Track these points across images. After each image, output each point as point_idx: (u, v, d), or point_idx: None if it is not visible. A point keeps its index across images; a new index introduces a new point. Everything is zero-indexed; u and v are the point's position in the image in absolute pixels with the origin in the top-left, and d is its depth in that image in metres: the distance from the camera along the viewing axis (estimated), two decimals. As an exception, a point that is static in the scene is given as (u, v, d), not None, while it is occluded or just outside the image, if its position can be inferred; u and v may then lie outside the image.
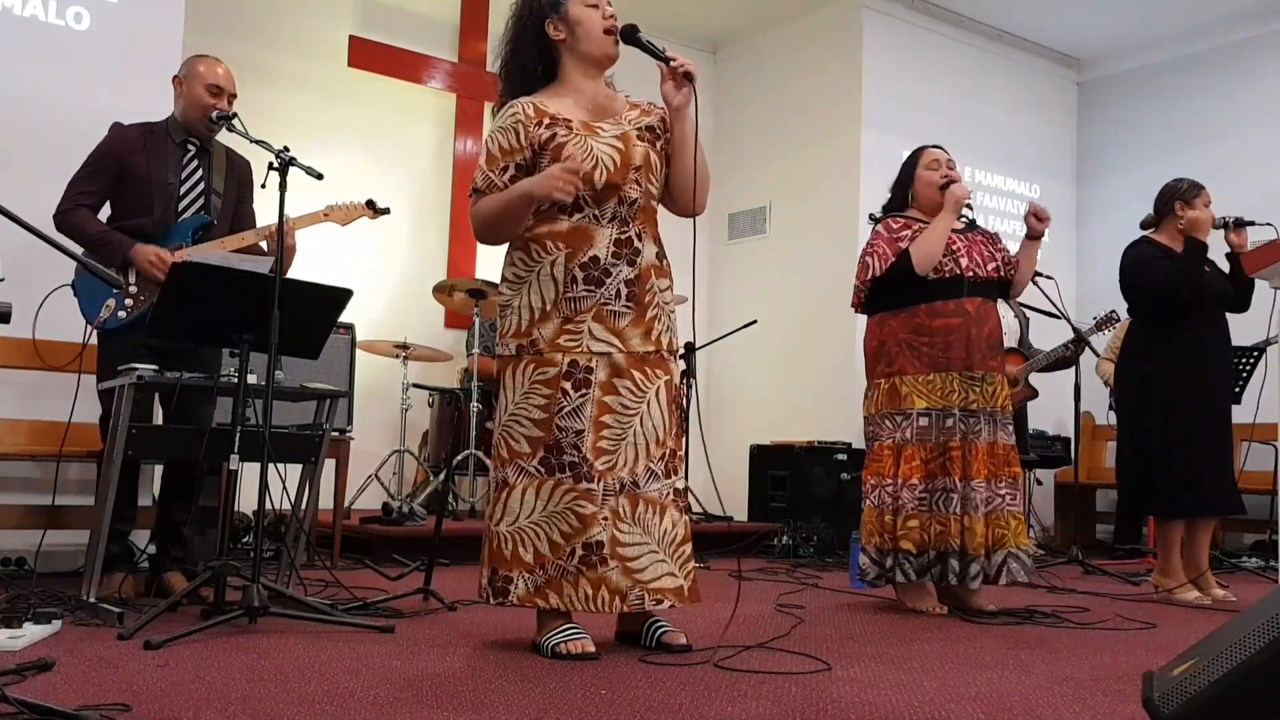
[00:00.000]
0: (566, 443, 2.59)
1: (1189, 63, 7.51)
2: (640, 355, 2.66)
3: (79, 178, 3.49)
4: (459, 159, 6.66)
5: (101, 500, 3.12)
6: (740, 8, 7.31)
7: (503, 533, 2.62)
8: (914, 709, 2.14)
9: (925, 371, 3.61)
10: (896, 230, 3.72)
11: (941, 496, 3.57)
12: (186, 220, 3.52)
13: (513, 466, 2.63)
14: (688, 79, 2.66)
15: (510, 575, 2.60)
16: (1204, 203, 4.28)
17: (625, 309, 2.65)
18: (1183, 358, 4.16)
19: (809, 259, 7.02)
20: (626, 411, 2.63)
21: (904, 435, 3.62)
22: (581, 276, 2.63)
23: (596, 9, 2.71)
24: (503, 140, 2.67)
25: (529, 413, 2.62)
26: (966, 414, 3.59)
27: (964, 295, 3.63)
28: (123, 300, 3.39)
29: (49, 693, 2.00)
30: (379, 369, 5.82)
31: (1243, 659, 1.52)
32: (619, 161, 2.65)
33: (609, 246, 2.65)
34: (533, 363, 2.63)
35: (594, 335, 2.63)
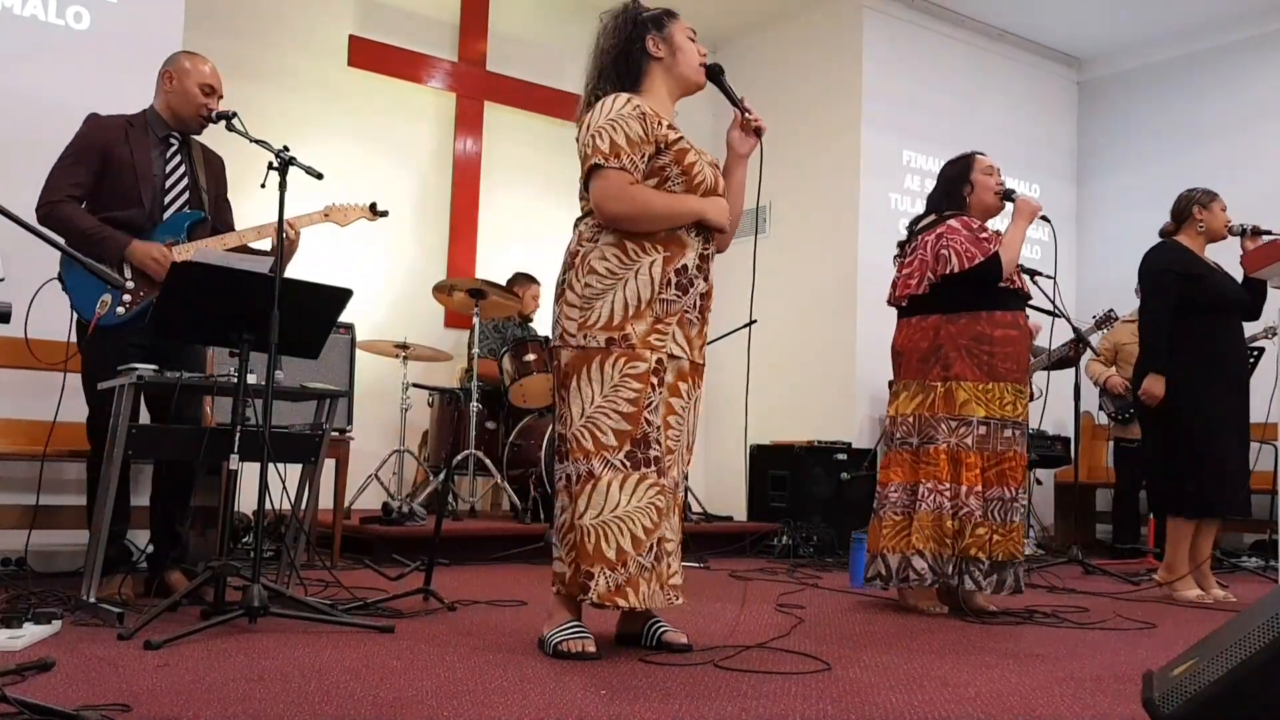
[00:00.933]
0: (652, 437, 2.62)
1: (1189, 63, 7.51)
2: (697, 365, 2.80)
3: (61, 169, 3.40)
4: (459, 159, 6.66)
5: (101, 500, 3.12)
6: (740, 8, 7.31)
7: (587, 526, 2.58)
8: (914, 709, 2.14)
9: (984, 380, 3.59)
10: (977, 230, 3.68)
11: (998, 506, 3.55)
12: (180, 215, 3.49)
13: (599, 459, 2.60)
14: (757, 134, 2.85)
15: (591, 570, 2.56)
16: (1220, 206, 4.40)
17: (697, 319, 2.76)
18: (1202, 361, 4.20)
19: (809, 259, 7.02)
20: (682, 415, 2.76)
21: (963, 441, 3.57)
22: (675, 281, 2.69)
23: (695, 42, 2.84)
24: (639, 128, 2.65)
25: (618, 405, 2.61)
26: (1015, 426, 3.61)
27: (1019, 308, 3.69)
28: (120, 297, 3.35)
29: (49, 693, 2.00)
30: (379, 369, 5.82)
31: (1243, 659, 1.52)
32: (716, 181, 2.79)
33: (696, 259, 2.74)
34: (624, 356, 2.63)
35: (676, 339, 2.70)
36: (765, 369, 7.32)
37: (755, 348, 7.23)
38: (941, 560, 3.55)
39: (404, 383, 5.52)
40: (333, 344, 4.39)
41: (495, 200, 6.78)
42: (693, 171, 2.70)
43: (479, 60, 6.76)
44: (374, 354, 5.57)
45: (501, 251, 6.66)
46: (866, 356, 6.59)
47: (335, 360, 4.66)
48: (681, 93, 2.87)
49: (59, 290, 3.33)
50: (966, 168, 3.82)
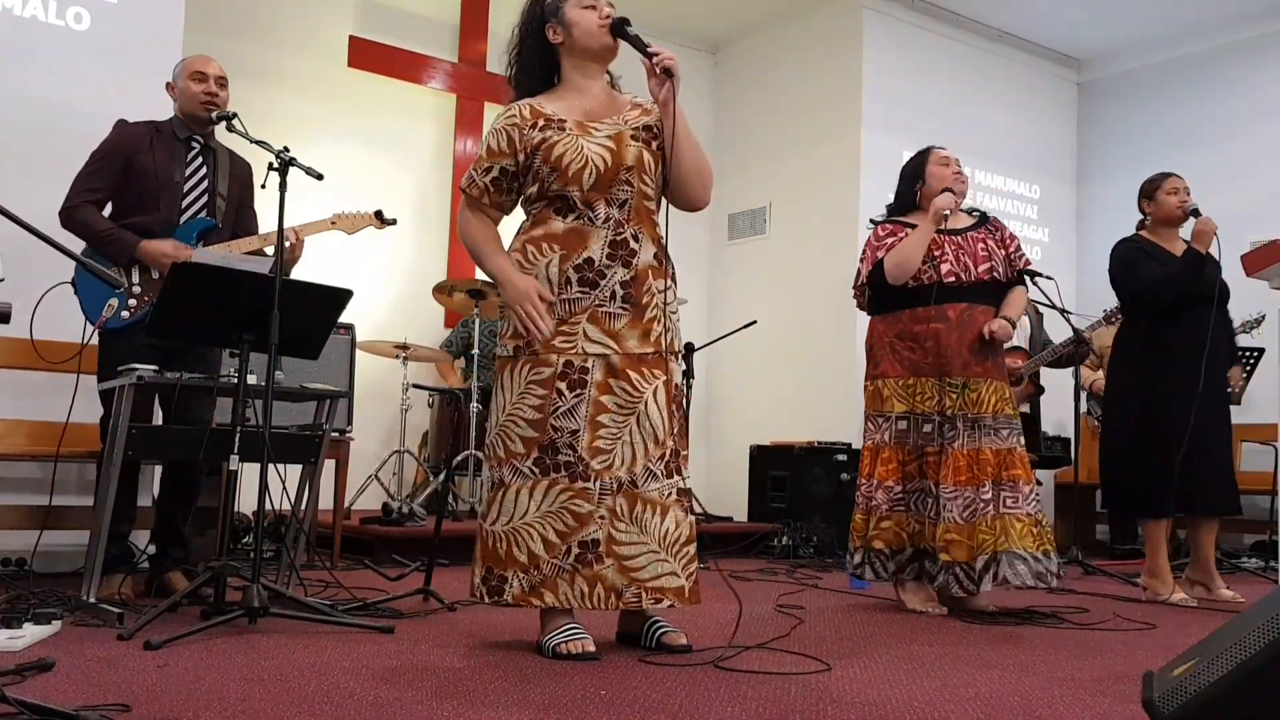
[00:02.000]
0: (562, 442, 2.60)
1: (1189, 63, 7.51)
2: (637, 356, 2.66)
3: (84, 174, 3.47)
4: (459, 159, 6.66)
5: (101, 500, 3.12)
6: (740, 8, 7.31)
7: (497, 532, 2.63)
8: (914, 709, 2.14)
9: (904, 375, 3.66)
10: (883, 237, 3.77)
11: (918, 497, 3.63)
12: (191, 223, 3.51)
13: (508, 467, 2.64)
14: (667, 74, 2.62)
15: (505, 574, 2.61)
16: (1169, 189, 4.29)
17: (621, 310, 2.66)
18: (1169, 356, 4.13)
19: (809, 259, 7.02)
20: (622, 411, 2.63)
21: (883, 437, 3.68)
22: (576, 278, 2.64)
23: (593, 9, 2.72)
24: (494, 142, 2.72)
25: (524, 413, 2.63)
26: (943, 420, 3.61)
27: (948, 300, 3.64)
28: (125, 300, 3.38)
29: (49, 693, 2.00)
30: (379, 369, 5.82)
31: (1242, 659, 1.52)
32: (610, 162, 2.65)
33: (604, 248, 2.66)
34: (528, 363, 2.65)
35: (589, 337, 2.64)
36: (765, 369, 7.34)
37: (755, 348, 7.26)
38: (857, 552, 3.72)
39: (404, 383, 5.52)
40: (333, 344, 4.39)
41: (495, 200, 6.77)
42: (562, 164, 2.63)
43: (479, 61, 6.76)
44: (374, 354, 5.58)
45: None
46: (866, 357, 6.58)
47: (335, 361, 4.67)
48: (597, 62, 2.76)
49: (70, 292, 3.36)
50: (921, 162, 3.86)
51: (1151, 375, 4.15)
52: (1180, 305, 4.13)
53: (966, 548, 3.50)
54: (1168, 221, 4.31)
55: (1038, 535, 3.54)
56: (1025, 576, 3.49)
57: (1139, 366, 4.21)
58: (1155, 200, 4.32)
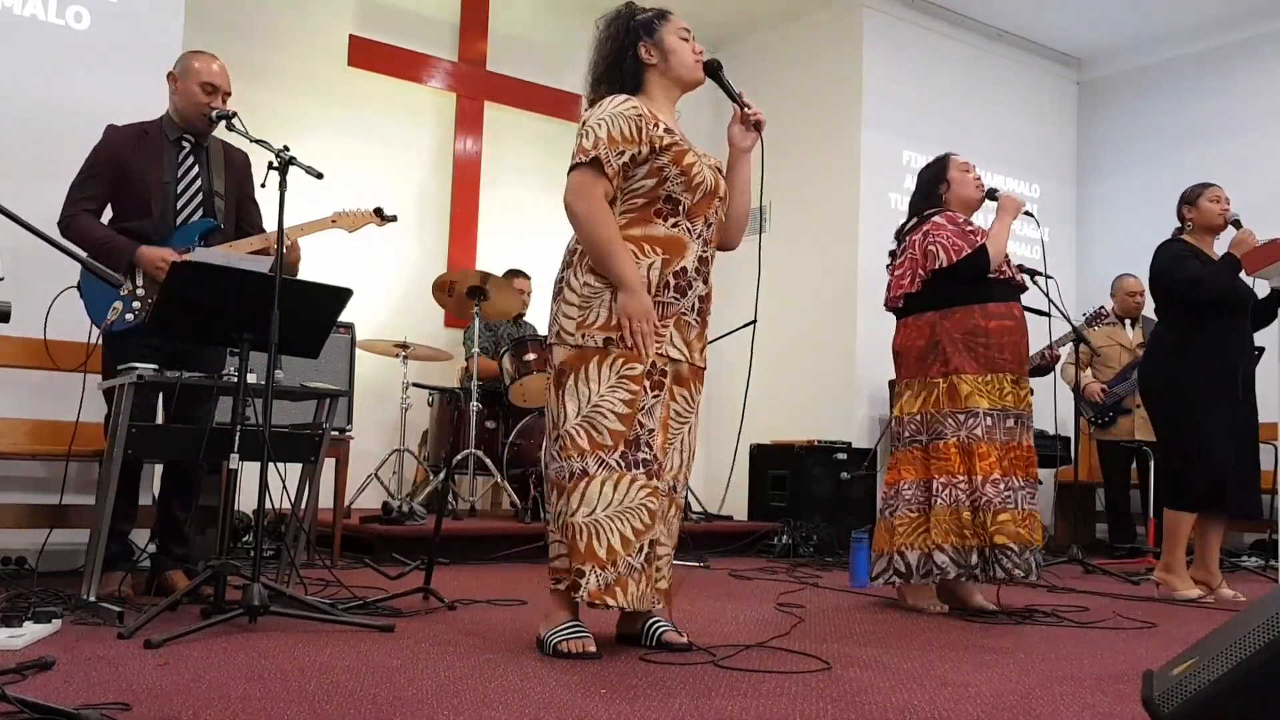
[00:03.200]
0: (644, 440, 2.62)
1: (1189, 63, 7.51)
2: (698, 369, 2.80)
3: (77, 184, 3.46)
4: (459, 159, 6.66)
5: (101, 499, 3.12)
6: (740, 7, 7.31)
7: (579, 524, 2.59)
8: (914, 709, 2.14)
9: (983, 372, 3.62)
10: (962, 224, 3.72)
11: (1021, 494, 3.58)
12: (193, 224, 3.50)
13: (593, 457, 2.60)
14: (757, 128, 2.83)
15: (583, 568, 2.58)
16: (1211, 198, 4.37)
17: (695, 322, 2.76)
18: (1212, 358, 4.19)
19: (809, 259, 7.02)
20: (679, 419, 2.76)
21: (973, 434, 3.58)
22: (673, 284, 2.69)
23: (688, 42, 2.83)
24: (625, 127, 2.65)
25: (614, 405, 2.61)
26: (1018, 415, 3.64)
27: (1014, 299, 3.71)
28: (130, 303, 3.38)
29: (49, 692, 2.00)
30: (379, 368, 5.82)
31: (1242, 659, 1.52)
32: (714, 184, 2.76)
33: (695, 261, 2.73)
34: (621, 357, 2.62)
35: (673, 342, 2.70)
36: (765, 369, 7.30)
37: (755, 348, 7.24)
38: (964, 552, 3.56)
39: (404, 382, 5.52)
40: (333, 344, 4.39)
41: (495, 200, 6.78)
42: (691, 172, 2.69)
43: (479, 60, 6.76)
44: (374, 354, 5.58)
45: (501, 251, 6.65)
46: (866, 356, 6.59)
47: (335, 360, 4.67)
48: (681, 92, 2.87)
49: (77, 294, 3.37)
50: (942, 167, 3.88)
51: (1193, 376, 4.19)
52: (1215, 311, 4.19)
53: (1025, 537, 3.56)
54: (1209, 229, 4.37)
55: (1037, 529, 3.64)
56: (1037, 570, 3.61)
57: (1179, 367, 4.24)
58: (1198, 207, 4.38)
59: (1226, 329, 4.21)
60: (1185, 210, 4.42)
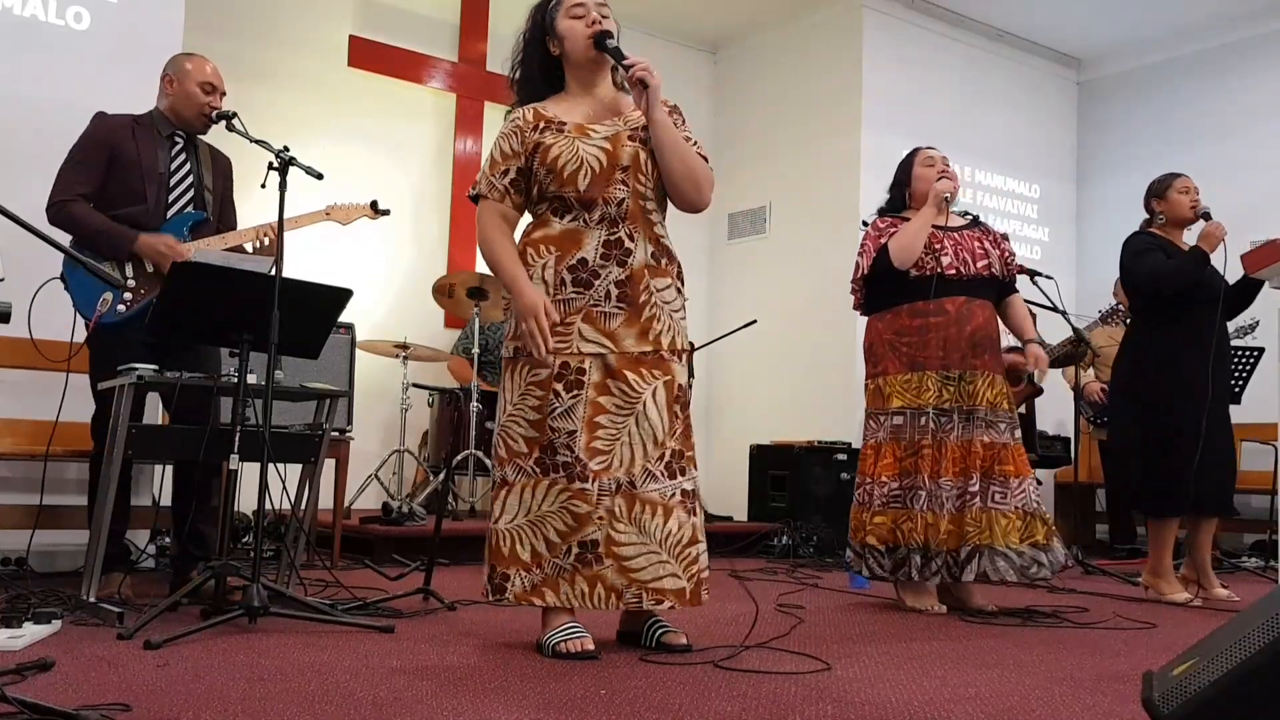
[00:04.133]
0: (559, 443, 2.61)
1: (1189, 63, 7.51)
2: (635, 356, 2.66)
3: (69, 168, 3.42)
4: (459, 159, 6.66)
5: (101, 500, 3.12)
6: (740, 8, 7.31)
7: (501, 530, 2.66)
8: (914, 709, 2.14)
9: (904, 371, 3.67)
10: (883, 229, 3.78)
11: (911, 494, 3.62)
12: (183, 216, 3.50)
13: (511, 466, 2.67)
14: (641, 85, 2.64)
15: (508, 573, 2.64)
16: (1180, 189, 4.29)
17: (617, 309, 2.66)
18: (1175, 354, 4.12)
19: (809, 259, 7.02)
20: (620, 412, 2.64)
21: (883, 434, 3.69)
22: (570, 279, 2.66)
23: (580, 19, 2.76)
24: (505, 145, 2.75)
25: (524, 414, 2.66)
26: (940, 413, 3.62)
27: (946, 294, 3.65)
28: (120, 294, 3.35)
29: (49, 693, 1.99)
30: (379, 369, 5.82)
31: (1242, 659, 1.52)
32: (605, 162, 2.67)
33: (597, 248, 2.67)
34: (527, 364, 2.66)
35: (584, 336, 2.65)
36: (765, 369, 7.34)
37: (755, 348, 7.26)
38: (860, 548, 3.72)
39: (404, 383, 5.52)
40: (333, 344, 4.39)
41: (495, 200, 6.77)
42: (558, 165, 2.65)
43: (479, 60, 6.75)
44: (374, 354, 5.57)
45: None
46: (866, 356, 6.59)
47: (335, 360, 4.67)
48: (589, 74, 2.80)
49: (61, 289, 3.33)
50: (909, 165, 3.90)
51: (1158, 375, 4.14)
52: (1183, 304, 4.12)
53: (956, 536, 3.56)
54: (1178, 222, 4.31)
55: (1026, 529, 3.56)
56: (1006, 573, 3.52)
57: (1146, 365, 4.20)
58: (1167, 199, 4.31)
59: (1195, 323, 4.12)
60: (1154, 203, 4.34)
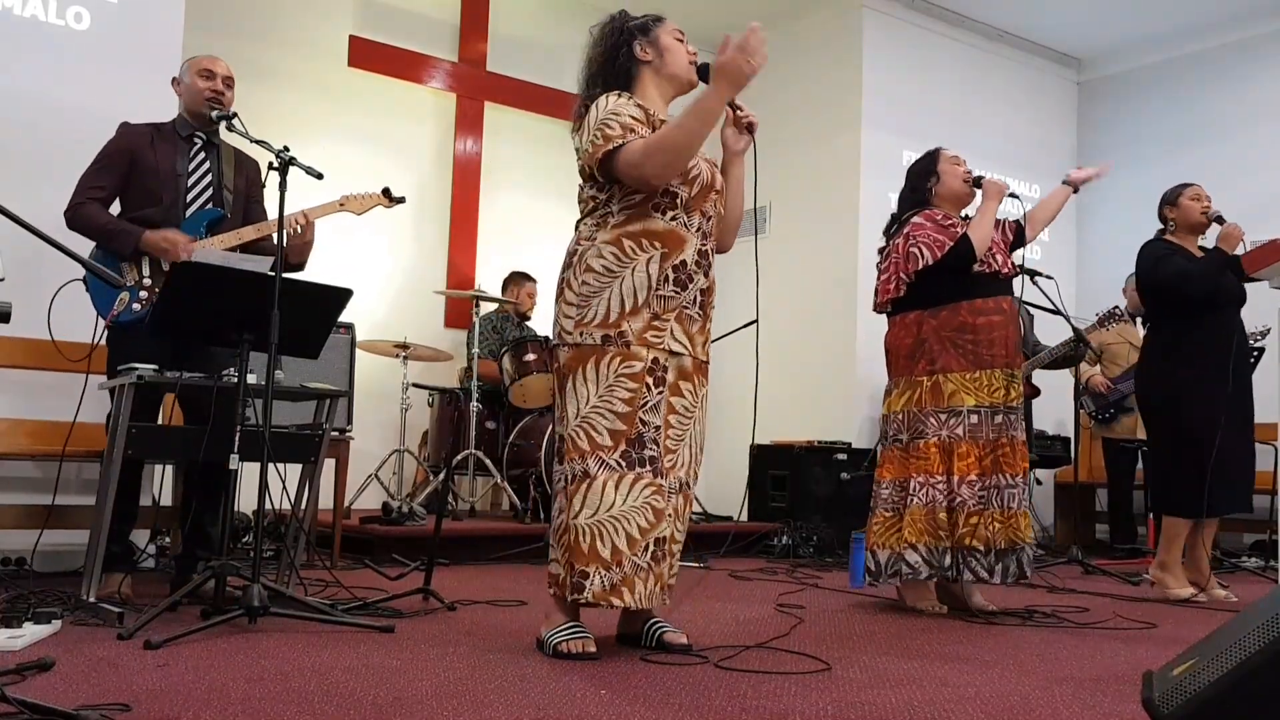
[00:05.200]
0: (648, 437, 2.62)
1: (1189, 63, 7.51)
2: (702, 362, 2.78)
3: (89, 174, 3.48)
4: (459, 159, 6.66)
5: (101, 500, 3.12)
6: (740, 8, 7.29)
7: (582, 526, 2.58)
8: (914, 709, 2.14)
9: (970, 369, 3.60)
10: (940, 220, 3.71)
11: (995, 494, 3.55)
12: (200, 213, 3.52)
13: (594, 458, 2.60)
14: (750, 131, 2.84)
15: (587, 570, 2.57)
16: (1191, 196, 4.35)
17: (698, 316, 2.74)
18: (1204, 356, 4.17)
19: (809, 259, 7.02)
20: (687, 414, 2.73)
21: (954, 433, 3.57)
22: (672, 277, 2.68)
23: (683, 43, 2.84)
24: (635, 112, 2.67)
25: (613, 405, 2.61)
26: (1009, 411, 3.61)
27: (1001, 293, 3.68)
28: (137, 293, 3.39)
29: (49, 693, 1.99)
30: (379, 369, 5.82)
31: (1242, 659, 1.52)
32: (711, 178, 2.77)
33: (695, 254, 2.72)
34: (619, 355, 2.63)
35: (674, 336, 2.69)
36: (765, 369, 7.24)
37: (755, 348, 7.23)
38: (937, 553, 3.55)
39: (404, 383, 5.52)
40: (333, 344, 4.39)
41: (495, 200, 6.78)
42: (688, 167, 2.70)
43: (479, 60, 6.76)
44: (374, 354, 5.57)
45: (501, 251, 6.66)
46: (866, 356, 6.57)
47: (335, 360, 4.67)
48: (675, 93, 2.87)
49: (77, 290, 3.35)
50: (932, 161, 3.87)
51: (1179, 377, 4.18)
52: (1204, 307, 4.18)
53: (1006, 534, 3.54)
54: (1191, 228, 4.35)
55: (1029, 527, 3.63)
56: (1028, 569, 3.58)
57: (1167, 368, 4.23)
58: (1179, 206, 4.37)
59: (1217, 325, 4.19)
60: (1167, 210, 4.41)
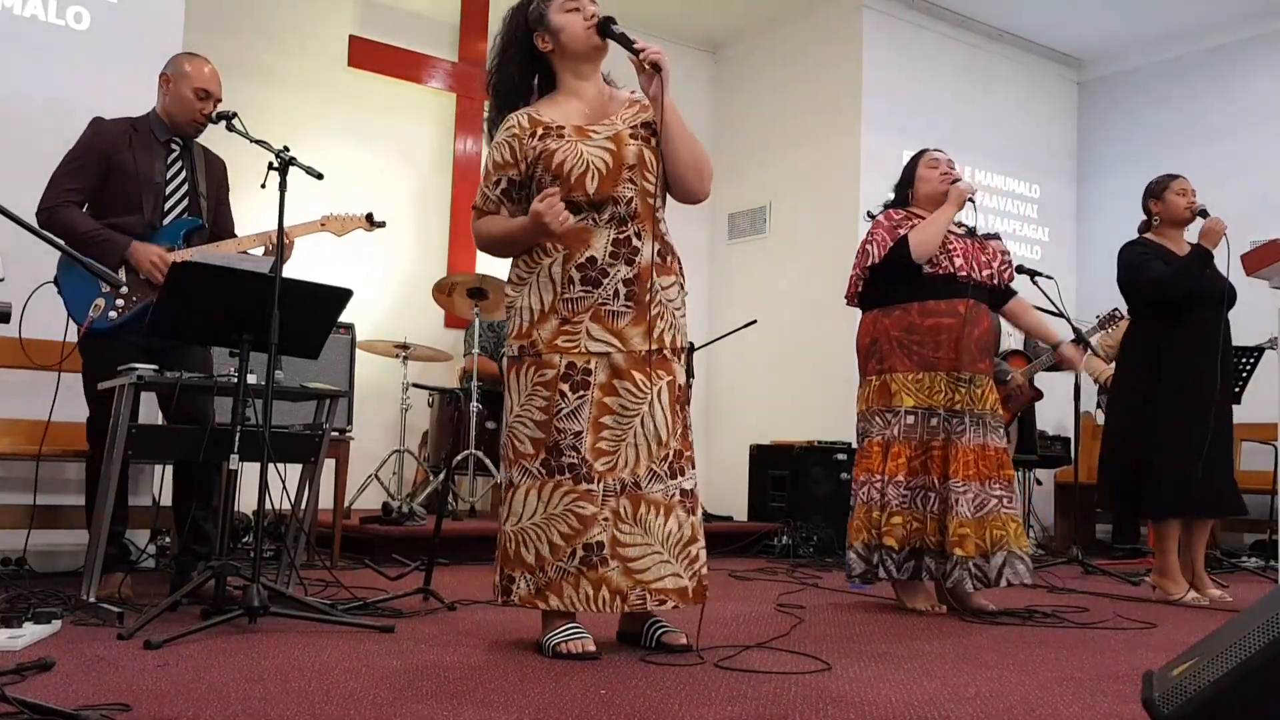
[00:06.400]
0: (565, 444, 2.60)
1: (1189, 63, 7.51)
2: (641, 355, 2.65)
3: (62, 173, 3.41)
4: (459, 159, 6.66)
5: (101, 500, 3.12)
6: (740, 8, 7.31)
7: (508, 532, 2.66)
8: (914, 709, 2.14)
9: (914, 370, 3.64)
10: (898, 220, 3.75)
11: (920, 495, 3.60)
12: (178, 222, 3.48)
13: (517, 468, 2.66)
14: (655, 68, 2.63)
15: (513, 575, 2.64)
16: (1177, 190, 4.30)
17: (625, 308, 2.65)
18: (1179, 357, 4.13)
19: (809, 259, 7.02)
20: (626, 412, 2.63)
21: (892, 433, 3.64)
22: (579, 277, 2.64)
23: (577, 12, 2.72)
24: (497, 155, 2.73)
25: (531, 415, 2.64)
26: (951, 414, 3.61)
27: (956, 296, 3.65)
28: (113, 300, 3.33)
29: (49, 693, 1.99)
30: (379, 369, 5.82)
31: (1243, 659, 1.52)
32: (610, 164, 2.65)
33: (607, 247, 2.65)
34: (533, 365, 2.65)
35: (591, 335, 2.63)
36: (765, 369, 7.34)
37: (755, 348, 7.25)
38: (869, 550, 3.64)
39: (404, 383, 5.52)
40: (333, 344, 4.39)
41: (495, 200, 6.77)
42: (564, 170, 2.63)
43: (479, 60, 6.74)
44: (374, 354, 5.57)
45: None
46: (866, 356, 6.59)
47: (335, 360, 4.67)
48: (587, 67, 2.77)
49: (50, 291, 3.33)
50: (914, 164, 3.89)
51: (1160, 376, 4.15)
52: (1185, 306, 4.13)
53: (975, 543, 3.51)
54: (1176, 222, 4.32)
55: (1023, 535, 3.64)
56: (1024, 575, 3.55)
57: (1146, 368, 4.21)
58: (1164, 200, 4.32)
59: (1197, 325, 4.13)
60: (1151, 204, 4.36)
